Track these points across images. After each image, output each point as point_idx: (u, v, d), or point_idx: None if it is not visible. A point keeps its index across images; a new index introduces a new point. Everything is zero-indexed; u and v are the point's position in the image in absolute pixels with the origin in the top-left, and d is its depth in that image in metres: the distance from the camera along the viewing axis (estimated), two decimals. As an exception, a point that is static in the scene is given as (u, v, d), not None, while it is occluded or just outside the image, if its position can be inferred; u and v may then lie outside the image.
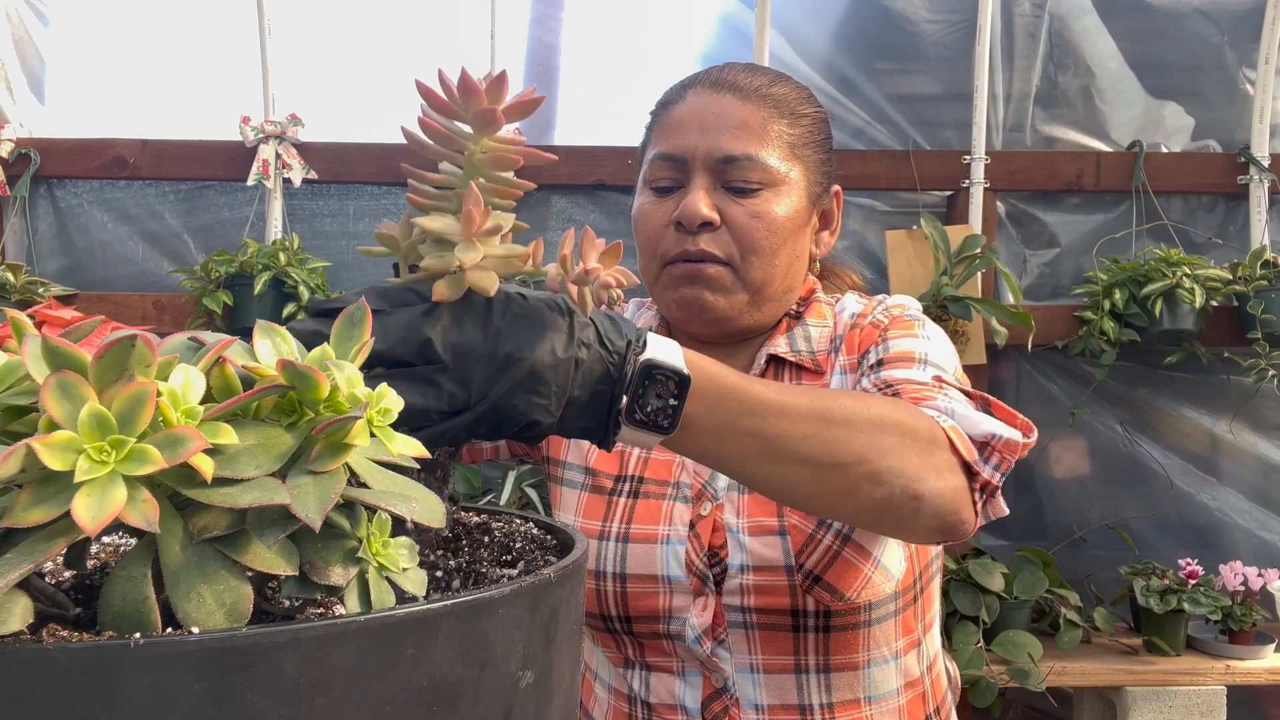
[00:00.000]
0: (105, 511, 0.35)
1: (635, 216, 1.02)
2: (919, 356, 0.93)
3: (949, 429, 0.79)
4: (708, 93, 0.99)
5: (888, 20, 2.62)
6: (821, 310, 1.06)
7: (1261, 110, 2.57)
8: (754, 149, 0.96)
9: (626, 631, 0.98)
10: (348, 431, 0.42)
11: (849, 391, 0.83)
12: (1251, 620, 2.25)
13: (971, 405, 0.85)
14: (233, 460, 0.40)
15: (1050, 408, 2.59)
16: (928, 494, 0.74)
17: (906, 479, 0.73)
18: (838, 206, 1.08)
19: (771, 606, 0.92)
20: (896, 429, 0.74)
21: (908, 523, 0.76)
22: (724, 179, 0.96)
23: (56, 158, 2.57)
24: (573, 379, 0.60)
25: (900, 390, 0.86)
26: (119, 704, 0.34)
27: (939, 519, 0.76)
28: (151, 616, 0.38)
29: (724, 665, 0.95)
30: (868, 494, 0.72)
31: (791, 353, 1.02)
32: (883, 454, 0.72)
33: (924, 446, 0.75)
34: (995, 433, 0.81)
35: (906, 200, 2.63)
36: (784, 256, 0.99)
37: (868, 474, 0.72)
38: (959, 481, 0.77)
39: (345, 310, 0.48)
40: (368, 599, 0.42)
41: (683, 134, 0.98)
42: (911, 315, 1.02)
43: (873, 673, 0.96)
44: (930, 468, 0.75)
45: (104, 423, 0.36)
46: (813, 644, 0.93)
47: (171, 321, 2.49)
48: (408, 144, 0.60)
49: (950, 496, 0.76)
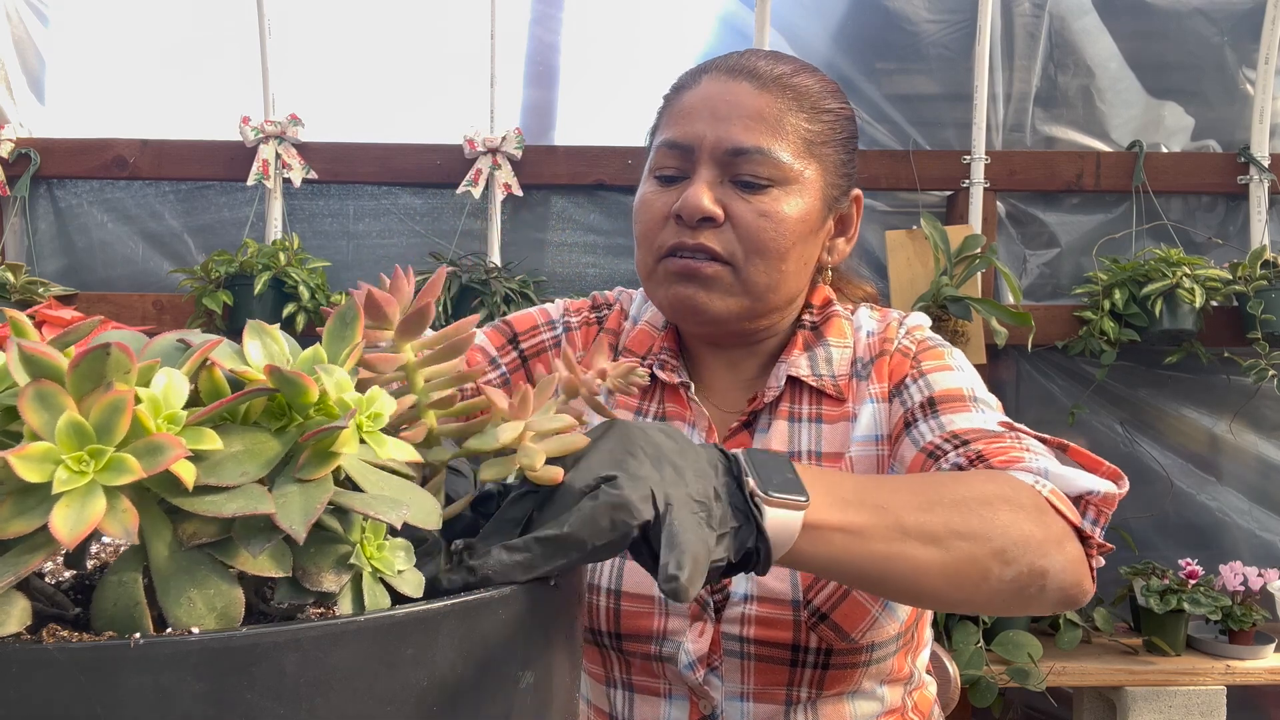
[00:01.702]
0: (84, 523, 0.34)
1: (636, 204, 0.96)
2: (968, 394, 0.90)
3: (1050, 494, 0.75)
4: (723, 78, 0.92)
5: (888, 20, 2.62)
6: (841, 327, 1.00)
7: (1261, 110, 2.57)
8: (766, 142, 0.89)
9: (615, 649, 0.93)
10: (336, 439, 0.41)
11: (941, 474, 0.77)
12: (1251, 620, 2.25)
13: (1051, 455, 0.83)
14: (217, 467, 0.39)
15: (1050, 408, 2.59)
16: (1053, 569, 0.71)
17: (1032, 555, 0.70)
18: (857, 212, 1.02)
19: (772, 639, 0.88)
20: (1005, 503, 0.71)
21: (1034, 601, 0.72)
22: (732, 172, 0.90)
23: (56, 158, 2.56)
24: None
25: (984, 453, 0.81)
26: (119, 704, 0.34)
27: (1063, 592, 0.73)
28: (144, 621, 0.38)
29: (714, 694, 0.90)
30: (998, 576, 0.69)
31: (814, 377, 0.96)
32: (1004, 529, 0.69)
33: (1035, 517, 0.72)
34: (1091, 489, 0.79)
35: (906, 200, 2.63)
36: (791, 262, 0.92)
37: (995, 553, 0.69)
38: (1076, 550, 0.75)
39: (337, 309, 0.48)
40: (361, 603, 0.42)
41: (692, 121, 0.91)
42: (935, 340, 0.98)
43: (857, 702, 0.93)
44: (1050, 540, 0.72)
45: (81, 432, 0.36)
46: (808, 678, 0.89)
47: (171, 321, 2.49)
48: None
49: (1072, 568, 0.73)
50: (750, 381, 1.01)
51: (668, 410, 0.98)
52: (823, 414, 0.96)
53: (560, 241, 2.65)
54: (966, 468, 0.81)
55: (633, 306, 1.08)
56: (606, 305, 1.09)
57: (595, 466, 0.52)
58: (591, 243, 2.65)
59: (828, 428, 0.95)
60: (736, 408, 0.99)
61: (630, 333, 1.04)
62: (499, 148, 2.51)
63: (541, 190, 2.63)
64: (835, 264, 1.03)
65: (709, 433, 0.96)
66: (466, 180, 2.51)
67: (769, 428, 0.96)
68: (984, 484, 0.73)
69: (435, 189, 2.61)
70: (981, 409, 0.89)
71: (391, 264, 0.61)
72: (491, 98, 2.57)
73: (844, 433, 0.95)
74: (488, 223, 2.56)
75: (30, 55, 2.66)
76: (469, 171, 2.52)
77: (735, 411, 0.99)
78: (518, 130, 2.53)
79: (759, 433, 0.96)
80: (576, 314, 1.07)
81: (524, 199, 2.59)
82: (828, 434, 0.95)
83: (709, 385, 1.01)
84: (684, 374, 0.99)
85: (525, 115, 2.70)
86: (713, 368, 1.01)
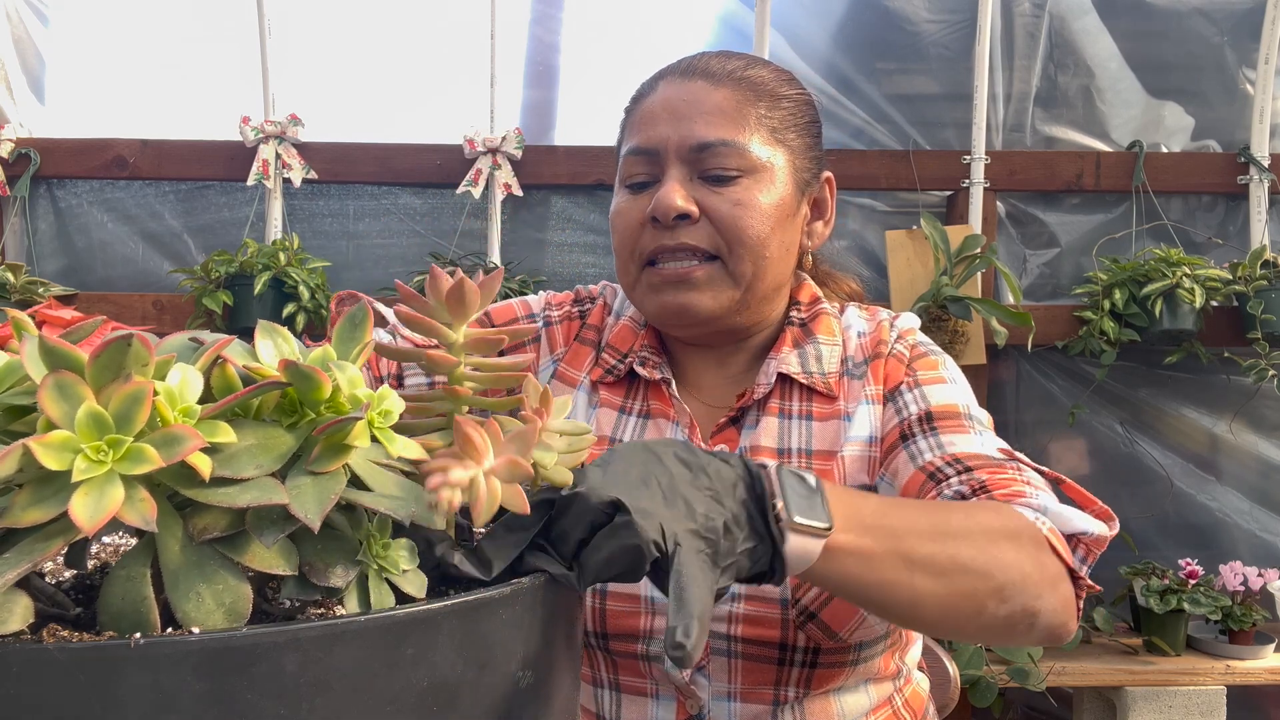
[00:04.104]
0: (103, 511, 0.35)
1: (611, 217, 0.98)
2: (964, 411, 0.92)
3: (1048, 533, 0.77)
4: (678, 80, 0.94)
5: (888, 20, 2.62)
6: (830, 325, 1.01)
7: (1261, 110, 2.57)
8: (729, 134, 0.90)
9: (601, 649, 0.93)
10: (348, 432, 0.42)
11: (949, 503, 0.78)
12: (1251, 620, 2.25)
13: (1049, 489, 0.85)
14: (232, 460, 0.39)
15: (1050, 408, 2.60)
16: (1044, 610, 0.74)
17: (1027, 596, 0.72)
18: (831, 195, 1.02)
19: (760, 638, 0.88)
20: (1008, 540, 0.73)
21: (1021, 637, 0.75)
22: (700, 168, 0.91)
23: (56, 158, 2.57)
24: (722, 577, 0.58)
25: (988, 483, 0.83)
26: (119, 704, 0.34)
27: (1050, 630, 0.75)
28: (151, 616, 0.38)
29: (701, 693, 0.90)
30: (993, 612, 0.71)
31: (804, 374, 0.96)
32: (1005, 568, 0.72)
33: (1034, 557, 0.75)
34: (1085, 529, 0.81)
35: (906, 200, 2.63)
36: (773, 248, 0.93)
37: (994, 591, 0.71)
38: (1068, 590, 0.77)
39: (347, 312, 0.48)
40: (367, 601, 0.42)
41: (654, 125, 0.92)
42: (927, 345, 0.99)
43: (844, 699, 0.93)
44: (1045, 581, 0.74)
45: (101, 422, 0.36)
46: (796, 677, 0.89)
47: (171, 321, 2.49)
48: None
49: (1061, 609, 0.75)
50: (738, 377, 1.01)
51: (651, 407, 0.98)
52: (813, 411, 0.96)
53: (560, 241, 2.65)
54: (969, 496, 0.83)
55: (617, 301, 1.07)
56: (590, 299, 1.08)
57: (609, 486, 0.53)
58: (591, 242, 2.65)
59: (818, 425, 0.95)
60: (724, 403, 0.99)
61: (613, 328, 1.03)
62: (499, 148, 2.51)
63: (541, 190, 2.63)
64: (816, 248, 1.04)
65: (691, 429, 0.96)
66: (466, 180, 2.51)
67: (758, 424, 0.95)
68: (992, 518, 0.75)
69: (435, 189, 2.61)
70: (978, 429, 0.91)
71: (391, 264, 0.60)
72: (491, 98, 2.57)
73: (835, 431, 0.95)
74: (488, 223, 2.56)
75: (30, 55, 2.66)
76: (469, 171, 2.52)
77: (723, 407, 0.99)
78: (518, 130, 2.53)
79: (747, 429, 0.96)
80: (558, 308, 1.07)
81: (524, 199, 2.60)
82: (818, 432, 0.95)
83: (694, 381, 1.01)
84: (666, 370, 0.99)
85: (525, 115, 2.70)
86: (698, 364, 1.01)
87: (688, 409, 0.97)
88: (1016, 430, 2.62)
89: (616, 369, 1.00)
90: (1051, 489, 0.85)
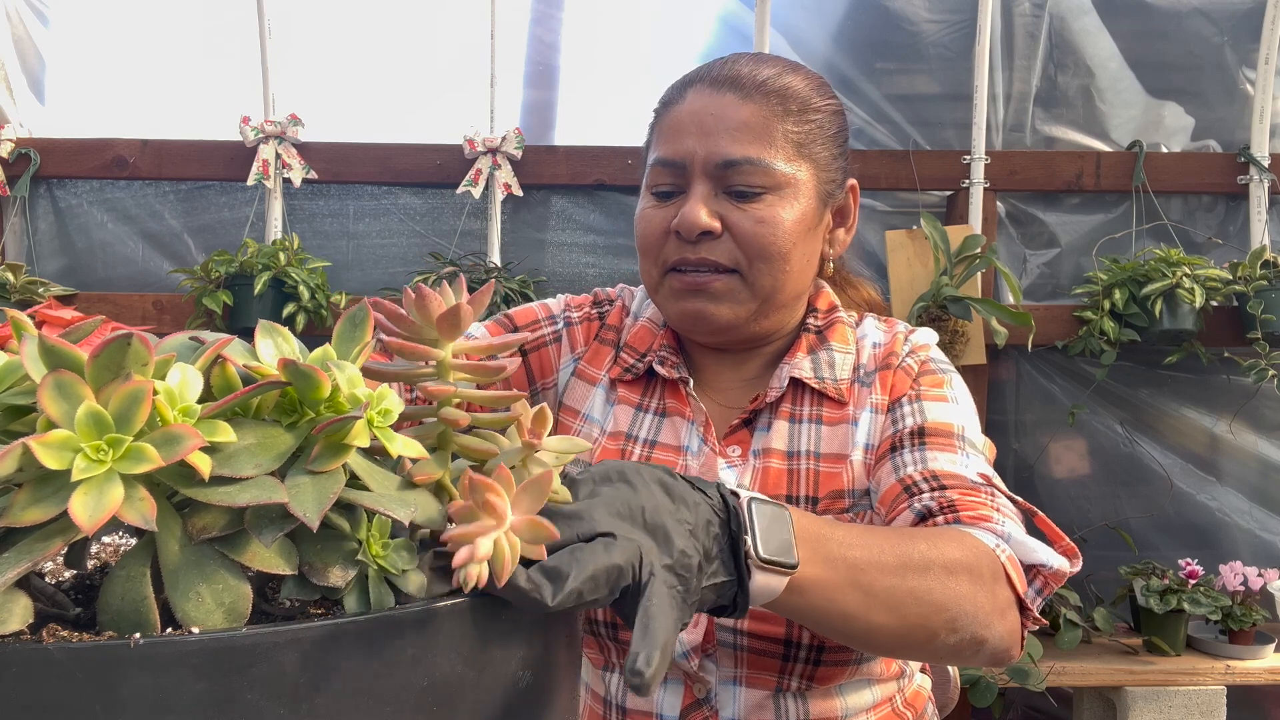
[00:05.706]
0: (102, 510, 0.35)
1: (636, 220, 0.99)
2: (957, 431, 0.93)
3: (1006, 561, 0.80)
4: (708, 92, 0.94)
5: (888, 20, 2.62)
6: (844, 333, 1.02)
7: (1261, 110, 2.57)
8: (755, 152, 0.91)
9: (610, 638, 0.94)
10: (348, 431, 0.42)
11: (915, 532, 0.80)
12: (1251, 620, 2.25)
13: (1019, 517, 0.87)
14: (231, 459, 0.39)
15: (1050, 408, 2.60)
16: (991, 639, 0.77)
17: (977, 626, 0.76)
18: (854, 202, 1.03)
19: (765, 634, 0.89)
20: (966, 573, 0.76)
21: (967, 660, 0.80)
22: (725, 184, 0.92)
23: (56, 158, 2.57)
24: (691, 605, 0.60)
25: (957, 503, 0.86)
26: (119, 704, 0.34)
27: (994, 656, 0.79)
28: (150, 616, 0.38)
29: (709, 678, 0.92)
30: (943, 641, 0.75)
31: (816, 379, 0.98)
32: (959, 600, 0.75)
33: (989, 588, 0.78)
34: (1045, 562, 0.84)
35: (906, 200, 2.63)
36: (795, 261, 0.94)
37: (946, 622, 0.74)
38: (1015, 619, 0.80)
39: (347, 312, 0.48)
40: (367, 601, 0.42)
41: (681, 138, 0.93)
42: (938, 363, 1.00)
43: (846, 695, 0.94)
44: (995, 611, 0.77)
45: (101, 421, 0.36)
46: (799, 672, 0.91)
47: (171, 321, 2.49)
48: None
49: (1007, 636, 0.79)
50: (753, 380, 1.02)
51: (668, 405, 1.00)
52: (823, 416, 0.98)
53: (560, 241, 2.65)
54: (937, 512, 0.86)
55: (634, 303, 1.09)
56: (608, 301, 1.10)
57: (597, 515, 0.53)
58: (591, 243, 2.65)
59: (827, 429, 0.97)
60: (738, 405, 1.01)
61: (631, 329, 1.05)
62: (499, 148, 2.51)
63: (541, 190, 2.63)
64: (837, 255, 1.05)
65: (706, 428, 0.98)
66: (466, 180, 2.51)
67: (769, 426, 0.97)
68: (954, 549, 0.77)
69: (435, 189, 2.61)
70: (967, 451, 0.92)
71: (391, 264, 0.61)
72: (491, 98, 2.57)
73: (844, 435, 0.97)
74: (488, 223, 2.56)
75: (30, 55, 2.66)
76: (469, 171, 2.52)
77: (736, 408, 1.01)
78: (518, 130, 2.53)
79: (759, 431, 0.97)
80: (578, 309, 1.08)
81: (524, 199, 2.59)
82: (827, 435, 0.97)
83: (710, 382, 1.03)
84: (683, 370, 1.01)
85: (525, 115, 2.70)
86: (715, 366, 1.03)
87: (703, 408, 0.99)
88: (1016, 430, 2.62)
89: (635, 368, 1.02)
90: (1023, 520, 0.88)
